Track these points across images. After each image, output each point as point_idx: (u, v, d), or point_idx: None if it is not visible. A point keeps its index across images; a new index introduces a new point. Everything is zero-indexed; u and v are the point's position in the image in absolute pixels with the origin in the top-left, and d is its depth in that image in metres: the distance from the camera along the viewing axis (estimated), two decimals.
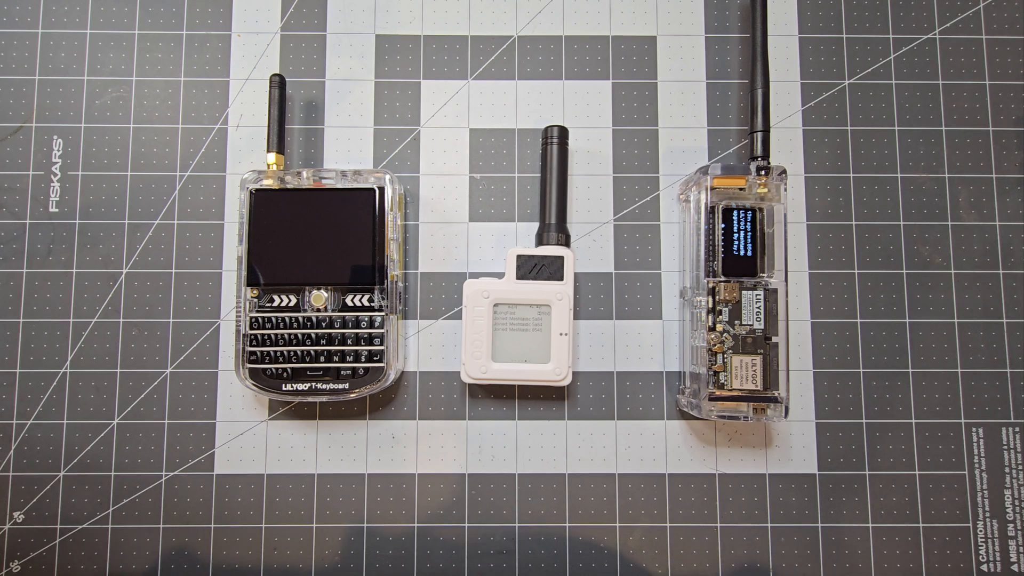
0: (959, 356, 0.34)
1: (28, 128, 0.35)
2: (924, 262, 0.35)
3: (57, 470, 0.33)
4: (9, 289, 0.34)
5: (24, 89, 0.35)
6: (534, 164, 0.35)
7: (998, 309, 0.34)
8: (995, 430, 0.34)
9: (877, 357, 0.34)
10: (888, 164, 0.35)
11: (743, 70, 0.36)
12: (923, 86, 0.35)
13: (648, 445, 0.34)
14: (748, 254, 0.31)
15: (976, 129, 0.35)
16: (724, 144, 0.35)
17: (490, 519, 0.33)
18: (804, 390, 0.34)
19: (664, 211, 0.35)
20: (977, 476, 0.33)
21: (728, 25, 0.36)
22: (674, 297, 0.34)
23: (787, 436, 0.34)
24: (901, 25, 0.36)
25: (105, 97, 0.35)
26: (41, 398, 0.33)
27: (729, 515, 0.33)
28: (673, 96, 0.36)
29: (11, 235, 0.34)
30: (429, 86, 0.36)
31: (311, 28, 0.36)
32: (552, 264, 0.32)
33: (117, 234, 0.34)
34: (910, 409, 0.34)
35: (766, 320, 0.31)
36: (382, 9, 0.36)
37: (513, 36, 0.36)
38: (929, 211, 0.35)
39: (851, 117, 0.35)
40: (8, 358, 0.33)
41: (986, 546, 0.33)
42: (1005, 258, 0.35)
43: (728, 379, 0.31)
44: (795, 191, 0.35)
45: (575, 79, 0.36)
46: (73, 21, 0.35)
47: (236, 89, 0.35)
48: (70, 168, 0.35)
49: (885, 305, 0.34)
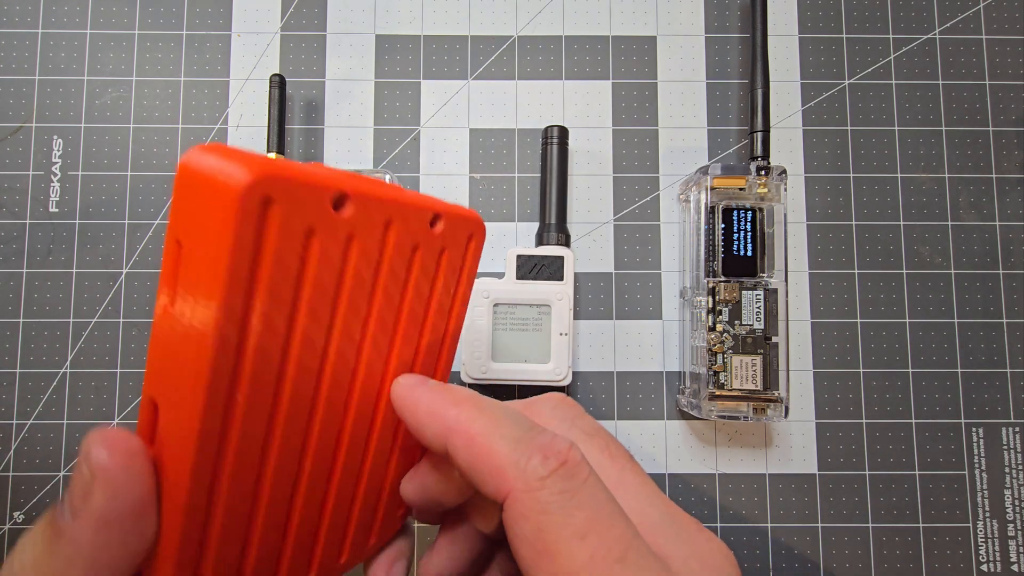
0: (959, 356, 0.34)
1: (28, 128, 0.35)
2: (924, 262, 0.35)
3: (57, 470, 0.33)
4: (9, 289, 0.34)
5: (24, 89, 0.35)
6: (534, 164, 0.35)
7: (998, 309, 0.34)
8: (995, 430, 0.34)
9: (877, 357, 0.34)
10: (888, 164, 0.35)
11: (743, 70, 0.36)
12: (923, 86, 0.35)
13: (648, 445, 0.34)
14: (748, 254, 0.31)
15: (976, 129, 0.35)
16: (724, 144, 0.35)
17: None
18: (804, 390, 0.34)
19: (664, 211, 0.35)
20: (977, 476, 0.33)
21: (728, 25, 0.36)
22: (674, 297, 0.34)
23: (787, 436, 0.34)
24: (901, 25, 0.36)
25: (105, 97, 0.35)
26: (41, 398, 0.33)
27: (729, 515, 0.33)
28: (673, 96, 0.36)
29: (11, 235, 0.34)
30: (429, 86, 0.36)
31: (311, 28, 0.36)
32: (552, 264, 0.32)
33: (117, 234, 0.34)
34: (910, 409, 0.34)
35: (766, 320, 0.31)
36: (382, 9, 0.36)
37: (513, 36, 0.36)
38: (929, 211, 0.35)
39: (851, 117, 0.35)
40: (8, 358, 0.33)
41: (986, 546, 0.33)
42: (1005, 258, 0.35)
43: (728, 379, 0.31)
44: (795, 191, 0.35)
45: (575, 79, 0.36)
46: (73, 21, 0.35)
47: (236, 89, 0.35)
48: (70, 168, 0.35)
49: (885, 305, 0.34)
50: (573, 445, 0.15)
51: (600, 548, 0.14)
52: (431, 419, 0.16)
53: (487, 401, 0.16)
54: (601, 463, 0.17)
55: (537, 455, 0.15)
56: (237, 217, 0.12)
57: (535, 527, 0.14)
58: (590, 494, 0.14)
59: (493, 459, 0.15)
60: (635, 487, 0.17)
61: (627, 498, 0.16)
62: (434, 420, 0.16)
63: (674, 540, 0.16)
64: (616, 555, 0.14)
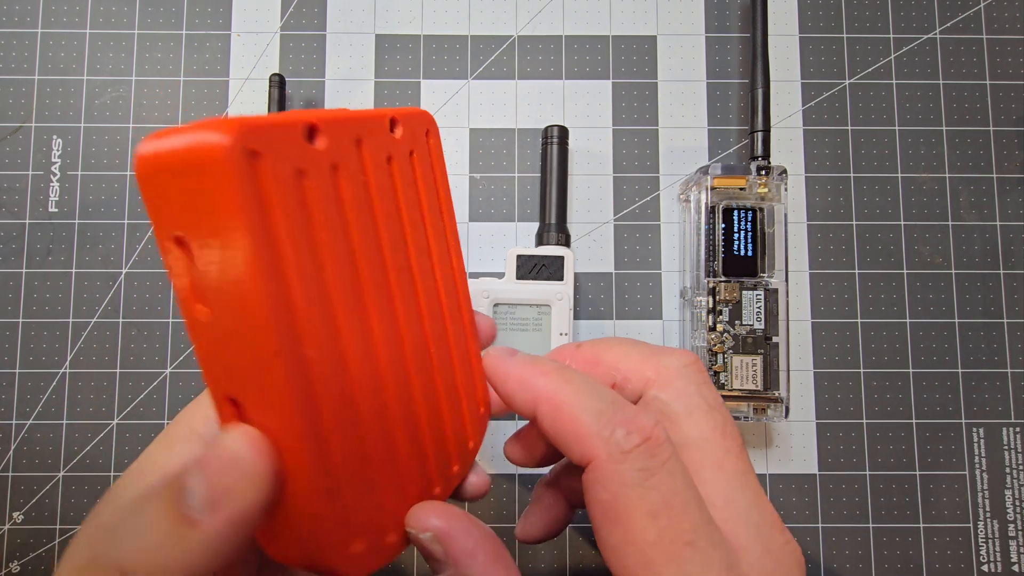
0: (960, 356, 0.34)
1: (27, 128, 0.35)
2: (925, 262, 0.35)
3: (57, 470, 0.33)
4: (8, 289, 0.34)
5: (23, 89, 0.35)
6: (534, 164, 0.35)
7: (999, 309, 0.34)
8: (996, 430, 0.34)
9: (877, 357, 0.34)
10: (889, 164, 0.35)
11: (743, 70, 0.36)
12: (924, 86, 0.35)
13: None
14: (748, 254, 0.31)
15: (977, 129, 0.35)
16: (724, 144, 0.35)
17: (490, 520, 0.33)
18: (804, 390, 0.34)
19: (664, 211, 0.35)
20: (978, 476, 0.33)
21: (728, 25, 0.36)
22: (674, 297, 0.34)
23: (787, 436, 0.34)
24: (902, 25, 0.36)
25: (105, 97, 0.35)
26: (40, 398, 0.33)
27: None
28: (673, 96, 0.36)
29: (10, 235, 0.34)
30: (429, 86, 0.36)
31: (311, 28, 0.36)
32: (552, 264, 0.32)
33: (117, 234, 0.34)
34: (911, 409, 0.34)
35: (766, 320, 0.31)
36: (382, 9, 0.36)
37: (513, 36, 0.36)
38: (930, 211, 0.35)
39: (851, 117, 0.35)
40: (7, 358, 0.33)
41: (987, 546, 0.33)
42: (1006, 258, 0.35)
43: (728, 379, 0.31)
44: (795, 191, 0.35)
45: (575, 79, 0.36)
46: (72, 21, 0.35)
47: (236, 89, 0.35)
48: (69, 168, 0.35)
49: (886, 305, 0.34)
50: (658, 424, 0.16)
51: (670, 530, 0.14)
52: (521, 388, 0.17)
53: (573, 373, 0.17)
54: (711, 439, 0.17)
55: (621, 428, 0.15)
56: (239, 180, 0.11)
57: (612, 496, 0.15)
58: (668, 475, 0.15)
59: (578, 427, 0.16)
60: (732, 471, 0.17)
61: (721, 480, 0.17)
62: (523, 389, 0.17)
63: (753, 534, 0.16)
64: (686, 539, 0.14)
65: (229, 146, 0.11)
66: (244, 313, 0.12)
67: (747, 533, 0.16)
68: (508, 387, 0.17)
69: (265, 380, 0.12)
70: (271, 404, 0.13)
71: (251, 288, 0.12)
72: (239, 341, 0.12)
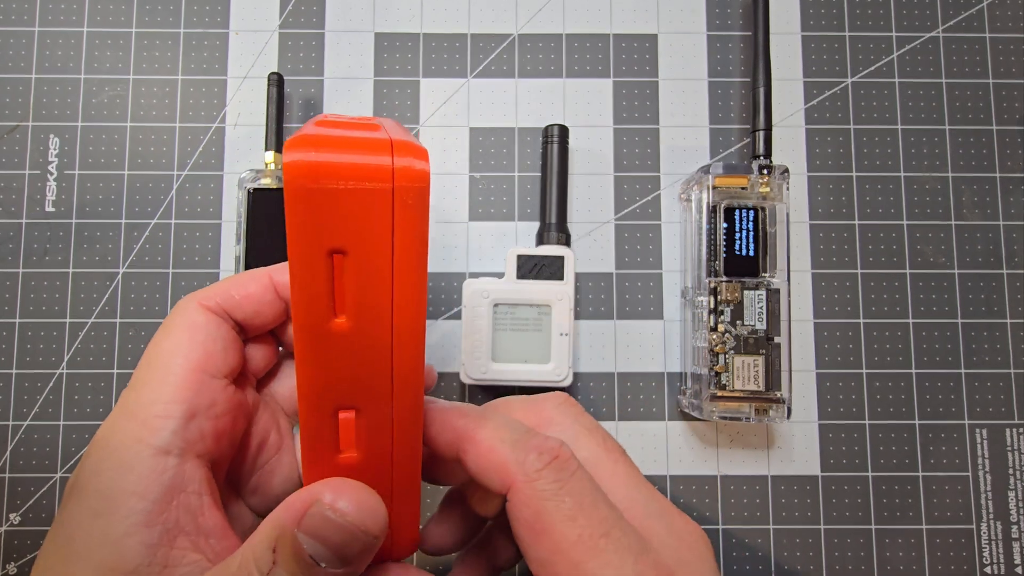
0: (962, 356, 0.34)
1: (24, 127, 0.34)
2: (927, 262, 0.34)
3: (54, 471, 0.33)
4: (5, 289, 0.34)
5: (20, 88, 0.35)
6: (534, 163, 0.35)
7: (1002, 309, 0.34)
8: (999, 431, 0.33)
9: (880, 357, 0.34)
10: (891, 163, 0.35)
11: (745, 68, 0.35)
12: (926, 84, 0.35)
13: (649, 446, 0.33)
14: (750, 254, 0.31)
15: (980, 128, 0.35)
16: (726, 143, 0.35)
17: None
18: (806, 391, 0.34)
19: (665, 210, 0.35)
20: (981, 477, 0.33)
21: (730, 23, 0.36)
22: (675, 297, 0.34)
23: (789, 437, 0.33)
24: (904, 23, 0.36)
25: (102, 96, 0.35)
26: (37, 399, 0.33)
27: (731, 517, 0.33)
28: (674, 94, 0.35)
29: (7, 235, 0.34)
30: (428, 84, 0.35)
31: (309, 26, 0.35)
32: (552, 264, 0.32)
33: (114, 233, 0.34)
34: (913, 410, 0.33)
35: (768, 320, 0.31)
36: (381, 7, 0.36)
37: (513, 34, 0.36)
38: (932, 210, 0.35)
39: (854, 116, 0.35)
40: (4, 359, 0.33)
41: (990, 548, 0.33)
42: (1009, 258, 0.34)
43: (730, 380, 0.31)
44: (797, 190, 0.35)
45: (575, 77, 0.35)
46: (70, 19, 0.35)
47: (234, 88, 0.35)
48: (67, 167, 0.34)
49: (888, 305, 0.34)
50: (563, 444, 0.18)
51: (587, 527, 0.16)
52: (443, 429, 0.19)
53: (487, 410, 0.19)
54: (599, 455, 0.19)
55: (533, 452, 0.17)
56: (425, 206, 0.12)
57: (534, 512, 0.17)
58: (578, 483, 0.17)
59: (496, 457, 0.17)
60: (625, 476, 0.19)
61: (619, 485, 0.19)
62: (445, 431, 0.19)
63: (656, 521, 0.18)
64: (602, 531, 0.16)
65: (427, 177, 0.12)
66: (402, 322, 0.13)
67: (652, 521, 0.18)
68: (430, 431, 0.19)
69: (397, 386, 0.14)
70: (401, 407, 0.15)
71: (415, 299, 0.13)
72: (375, 350, 0.14)
